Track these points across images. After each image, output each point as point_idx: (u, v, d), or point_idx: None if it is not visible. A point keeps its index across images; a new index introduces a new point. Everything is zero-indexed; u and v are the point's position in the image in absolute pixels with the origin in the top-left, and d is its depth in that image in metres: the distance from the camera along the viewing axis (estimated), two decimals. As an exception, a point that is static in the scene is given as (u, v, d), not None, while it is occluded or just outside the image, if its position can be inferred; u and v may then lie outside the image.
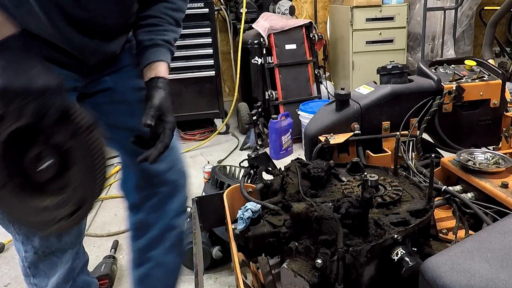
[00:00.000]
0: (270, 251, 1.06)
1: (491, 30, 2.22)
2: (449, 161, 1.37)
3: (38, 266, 1.07)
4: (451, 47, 4.22)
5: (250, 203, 1.09)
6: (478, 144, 1.66)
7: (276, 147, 3.26)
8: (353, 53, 4.17)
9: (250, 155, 1.24)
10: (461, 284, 0.65)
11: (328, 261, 0.84)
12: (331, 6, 4.69)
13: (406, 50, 4.28)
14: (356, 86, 1.66)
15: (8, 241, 2.30)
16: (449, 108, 1.58)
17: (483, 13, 4.34)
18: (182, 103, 3.79)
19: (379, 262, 0.89)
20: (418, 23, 4.24)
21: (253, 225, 1.01)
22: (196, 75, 3.76)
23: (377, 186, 1.07)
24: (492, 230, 0.80)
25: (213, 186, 2.05)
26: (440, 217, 1.26)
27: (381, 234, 0.89)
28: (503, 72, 1.64)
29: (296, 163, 1.18)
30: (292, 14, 4.08)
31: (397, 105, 1.51)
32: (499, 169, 1.26)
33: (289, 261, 0.90)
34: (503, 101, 1.64)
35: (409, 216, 0.97)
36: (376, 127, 1.51)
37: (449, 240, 1.15)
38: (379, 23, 4.11)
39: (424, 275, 0.71)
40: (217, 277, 1.92)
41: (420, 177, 1.30)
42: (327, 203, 1.01)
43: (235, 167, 2.34)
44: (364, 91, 1.55)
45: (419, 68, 1.66)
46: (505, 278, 0.64)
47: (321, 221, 0.88)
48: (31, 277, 1.10)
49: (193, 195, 1.39)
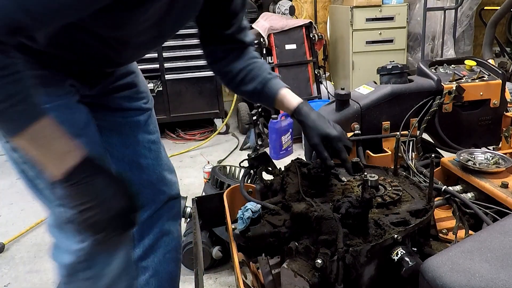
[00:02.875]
0: (270, 251, 1.06)
1: (491, 30, 2.22)
2: (449, 161, 1.37)
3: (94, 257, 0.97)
4: (451, 47, 4.22)
5: (250, 203, 1.09)
6: (478, 144, 1.66)
7: (276, 147, 3.25)
8: (353, 53, 4.17)
9: (250, 155, 1.24)
10: (461, 284, 0.65)
11: (328, 261, 0.84)
12: (331, 6, 4.69)
13: (406, 50, 4.28)
14: (356, 86, 1.66)
15: (8, 241, 2.30)
16: (449, 108, 1.58)
17: (483, 13, 4.34)
18: (182, 103, 3.79)
19: (379, 262, 0.89)
20: (418, 23, 4.24)
21: (253, 225, 1.01)
22: (196, 75, 3.76)
23: (377, 186, 1.07)
24: (492, 230, 0.80)
25: (213, 186, 2.05)
26: (440, 217, 1.26)
27: (381, 234, 0.89)
28: (503, 72, 1.64)
29: (296, 163, 1.18)
30: (292, 14, 4.08)
31: (397, 105, 1.51)
32: (499, 169, 1.26)
33: (289, 261, 0.90)
34: (503, 101, 1.64)
35: (409, 216, 0.97)
36: (376, 127, 1.51)
37: (449, 240, 1.15)
38: (379, 23, 4.11)
39: (424, 275, 0.71)
40: (217, 277, 1.92)
41: (420, 177, 1.30)
42: (327, 203, 1.01)
43: (235, 167, 2.34)
44: (364, 91, 1.55)
45: (419, 68, 1.66)
46: (505, 278, 0.64)
47: (321, 221, 0.88)
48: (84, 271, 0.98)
49: (193, 195, 1.39)
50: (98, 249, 0.96)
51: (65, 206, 0.87)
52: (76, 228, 0.86)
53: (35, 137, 0.75)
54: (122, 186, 0.86)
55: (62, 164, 0.78)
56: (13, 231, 2.42)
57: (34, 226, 2.46)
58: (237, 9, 1.11)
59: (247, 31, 1.19)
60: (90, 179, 0.80)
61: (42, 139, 0.76)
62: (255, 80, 1.16)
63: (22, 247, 2.29)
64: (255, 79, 1.16)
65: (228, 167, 2.32)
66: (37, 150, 0.77)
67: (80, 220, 0.82)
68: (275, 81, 1.17)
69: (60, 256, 1.00)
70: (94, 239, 0.91)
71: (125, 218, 0.87)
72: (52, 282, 1.97)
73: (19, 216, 2.62)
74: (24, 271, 2.07)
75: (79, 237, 0.93)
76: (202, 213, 1.44)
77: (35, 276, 2.03)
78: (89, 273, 0.99)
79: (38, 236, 2.39)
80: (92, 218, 0.81)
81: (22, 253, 2.23)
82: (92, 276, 0.99)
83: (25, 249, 2.26)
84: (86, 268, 0.98)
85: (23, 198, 2.84)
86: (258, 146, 3.41)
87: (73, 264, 0.98)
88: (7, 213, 2.68)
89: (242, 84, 1.18)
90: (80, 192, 0.80)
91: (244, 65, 1.17)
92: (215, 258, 1.90)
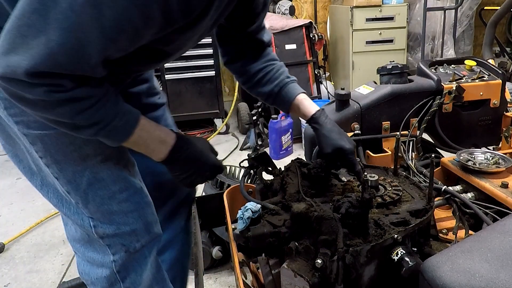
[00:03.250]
0: (270, 251, 1.06)
1: (491, 30, 2.22)
2: (449, 161, 1.37)
3: (128, 267, 1.01)
4: (451, 47, 4.22)
5: (250, 203, 1.09)
6: (478, 144, 1.66)
7: (276, 147, 3.26)
8: (353, 53, 4.17)
9: (250, 155, 1.24)
10: (461, 284, 0.65)
11: (328, 261, 0.83)
12: (331, 6, 4.69)
13: (406, 50, 4.28)
14: (356, 86, 1.66)
15: (8, 241, 2.30)
16: (449, 108, 1.58)
17: (483, 13, 4.34)
18: (182, 103, 3.79)
19: (379, 262, 0.88)
20: (418, 23, 4.24)
21: (253, 225, 1.01)
22: (196, 75, 3.76)
23: (377, 186, 1.07)
24: (492, 230, 0.80)
25: (213, 186, 2.05)
26: (440, 217, 1.26)
27: (381, 234, 0.89)
28: (503, 72, 1.64)
29: (296, 163, 1.18)
30: (292, 14, 4.08)
31: (397, 105, 1.51)
32: (499, 169, 1.26)
33: (289, 261, 0.89)
34: (503, 101, 1.64)
35: (409, 216, 0.97)
36: (376, 127, 1.51)
37: (449, 240, 1.15)
38: (379, 23, 4.11)
39: (424, 275, 0.71)
40: (217, 277, 1.92)
41: (420, 177, 1.30)
42: (327, 203, 1.01)
43: (235, 167, 2.34)
44: (364, 91, 1.55)
45: (419, 68, 1.65)
46: (505, 278, 0.64)
47: (321, 221, 0.88)
48: (120, 283, 1.02)
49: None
50: (130, 259, 0.99)
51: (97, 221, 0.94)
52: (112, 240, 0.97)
53: (139, 137, 0.87)
54: (208, 147, 1.03)
55: (166, 147, 0.92)
56: (13, 231, 2.42)
57: (34, 226, 2.46)
58: (259, 8, 1.09)
59: (265, 31, 1.18)
60: (188, 150, 0.96)
61: (144, 136, 0.88)
62: (272, 82, 1.15)
63: (22, 247, 2.29)
64: (272, 81, 1.15)
65: (228, 167, 2.32)
66: (142, 146, 0.90)
67: (184, 183, 1.01)
68: (293, 86, 1.16)
69: (93, 271, 1.02)
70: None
71: (215, 171, 1.04)
72: (52, 282, 1.98)
73: (19, 216, 2.62)
74: (24, 271, 2.07)
75: (111, 250, 0.97)
76: (202, 213, 1.44)
77: (35, 276, 2.03)
78: (125, 284, 1.01)
79: (38, 236, 2.39)
80: (194, 180, 1.01)
81: (22, 253, 2.23)
82: (129, 287, 1.01)
83: (25, 249, 2.26)
84: (123, 279, 1.01)
85: (23, 198, 2.85)
86: (258, 146, 3.41)
87: (109, 276, 1.00)
88: (7, 213, 2.68)
89: (258, 86, 1.17)
90: (182, 163, 0.96)
91: (262, 67, 1.16)
92: (215, 258, 1.90)
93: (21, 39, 0.65)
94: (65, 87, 0.71)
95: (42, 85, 0.69)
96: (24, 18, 0.65)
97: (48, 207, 2.68)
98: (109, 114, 0.79)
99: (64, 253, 2.20)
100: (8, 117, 0.84)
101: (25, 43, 0.65)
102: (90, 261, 1.02)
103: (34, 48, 0.65)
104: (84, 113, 0.75)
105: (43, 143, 0.86)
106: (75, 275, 1.93)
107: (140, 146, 0.90)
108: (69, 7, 0.63)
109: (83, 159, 0.89)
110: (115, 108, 0.80)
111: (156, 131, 0.91)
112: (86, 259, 1.02)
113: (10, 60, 0.66)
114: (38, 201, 2.79)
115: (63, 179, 0.90)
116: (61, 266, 2.09)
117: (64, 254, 2.19)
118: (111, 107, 0.79)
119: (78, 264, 1.06)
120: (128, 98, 1.11)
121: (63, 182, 0.91)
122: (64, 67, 0.68)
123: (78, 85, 0.72)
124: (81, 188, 0.91)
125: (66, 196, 0.93)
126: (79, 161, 0.89)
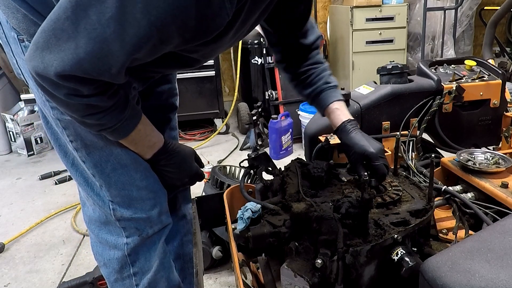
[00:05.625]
0: (270, 251, 1.06)
1: (491, 30, 2.22)
2: (449, 161, 1.37)
3: (139, 252, 1.07)
4: (451, 47, 4.22)
5: (250, 203, 1.09)
6: (478, 144, 1.66)
7: (276, 147, 3.26)
8: (353, 53, 4.17)
9: (250, 155, 1.24)
10: (461, 284, 0.65)
11: (328, 261, 0.84)
12: (331, 6, 4.69)
13: (406, 50, 4.28)
14: (356, 86, 1.66)
15: (8, 241, 2.30)
16: (449, 108, 1.58)
17: (483, 13, 4.34)
18: (182, 103, 3.74)
19: (379, 262, 0.89)
20: (418, 23, 4.24)
21: (253, 225, 1.01)
22: (196, 75, 3.76)
23: (377, 186, 1.07)
24: (492, 230, 0.79)
25: (213, 186, 2.05)
26: (440, 217, 1.26)
27: (381, 234, 0.89)
28: (503, 72, 1.64)
29: (296, 163, 1.18)
30: (292, 14, 4.07)
31: (397, 105, 1.51)
32: (499, 169, 1.26)
33: (289, 261, 0.90)
34: (503, 101, 1.64)
35: (409, 216, 0.97)
36: (376, 127, 1.51)
37: (449, 240, 1.15)
38: (379, 23, 4.11)
39: (424, 275, 0.71)
40: (217, 277, 1.92)
41: (420, 177, 1.30)
42: (327, 203, 1.01)
43: (235, 167, 2.34)
44: (364, 91, 1.55)
45: (419, 68, 1.66)
46: (505, 278, 0.64)
47: (321, 221, 0.88)
48: (130, 267, 1.08)
49: (193, 195, 1.38)
50: (142, 244, 1.06)
51: (117, 205, 1.02)
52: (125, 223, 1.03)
53: (135, 137, 0.95)
54: (192, 156, 1.12)
55: (152, 150, 1.01)
56: (13, 231, 2.42)
57: (34, 226, 2.46)
58: (301, 17, 1.14)
59: (310, 33, 1.21)
60: (170, 156, 1.04)
61: (139, 137, 0.96)
62: (312, 86, 1.19)
63: (22, 247, 2.29)
64: (312, 85, 1.19)
65: (228, 167, 2.32)
66: (132, 146, 0.97)
67: (164, 184, 1.07)
68: (329, 92, 1.18)
69: (106, 252, 1.08)
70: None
71: (195, 178, 1.13)
72: (52, 282, 1.98)
73: (19, 216, 2.62)
74: (24, 271, 2.07)
75: (125, 232, 1.04)
76: (202, 213, 1.44)
77: (35, 276, 2.03)
78: (135, 268, 1.07)
79: (38, 236, 2.39)
80: (173, 184, 1.09)
81: (22, 253, 2.23)
82: (137, 271, 1.08)
83: (25, 249, 2.26)
84: (132, 263, 1.07)
85: (23, 198, 2.85)
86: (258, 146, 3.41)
87: (121, 259, 1.06)
88: (7, 213, 2.68)
89: (300, 86, 1.22)
90: (163, 166, 1.05)
91: (305, 69, 1.20)
92: (215, 258, 1.90)
93: (55, 40, 0.72)
94: (83, 93, 0.78)
95: (65, 87, 0.76)
96: (58, 22, 0.72)
97: (48, 207, 2.68)
98: (113, 121, 0.87)
99: (64, 253, 2.20)
100: (45, 102, 0.92)
101: (58, 45, 0.72)
102: (103, 243, 1.08)
103: (65, 51, 0.72)
104: (93, 116, 0.84)
105: (74, 128, 0.94)
106: (75, 275, 1.93)
107: (130, 146, 0.98)
108: (97, 20, 0.69)
109: (109, 146, 0.97)
110: (120, 116, 0.88)
111: (148, 137, 0.99)
112: (99, 241, 1.08)
113: (44, 57, 0.73)
114: (38, 201, 2.79)
115: (89, 162, 0.98)
116: (61, 266, 2.09)
117: (64, 254, 2.19)
118: (117, 115, 0.87)
119: (92, 246, 1.12)
120: (150, 96, 1.18)
121: (89, 165, 0.98)
122: (88, 72, 0.74)
123: (95, 94, 0.79)
124: (105, 172, 0.99)
125: (92, 178, 1.00)
126: (105, 148, 0.97)
